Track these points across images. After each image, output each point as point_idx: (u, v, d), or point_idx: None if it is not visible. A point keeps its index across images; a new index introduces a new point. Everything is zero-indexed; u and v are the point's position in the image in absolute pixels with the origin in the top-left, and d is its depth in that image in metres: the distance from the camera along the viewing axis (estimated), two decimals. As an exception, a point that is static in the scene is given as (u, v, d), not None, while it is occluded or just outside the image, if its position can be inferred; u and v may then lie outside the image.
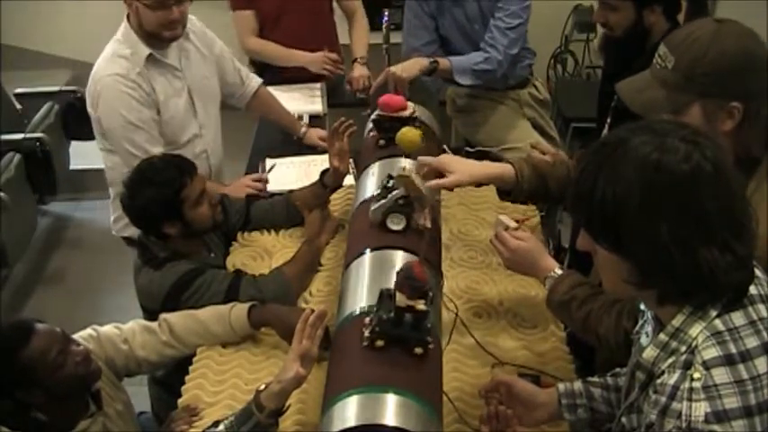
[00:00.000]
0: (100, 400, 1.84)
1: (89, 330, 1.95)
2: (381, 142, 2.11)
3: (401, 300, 1.44)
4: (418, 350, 1.45)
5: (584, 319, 1.65)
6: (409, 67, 2.51)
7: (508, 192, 1.87)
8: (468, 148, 2.93)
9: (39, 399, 1.72)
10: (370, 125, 2.33)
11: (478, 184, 2.56)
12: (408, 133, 1.94)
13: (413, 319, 1.44)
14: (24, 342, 1.69)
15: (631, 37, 2.10)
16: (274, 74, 3.28)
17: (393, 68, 2.45)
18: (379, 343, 1.45)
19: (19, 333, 1.72)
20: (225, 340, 1.98)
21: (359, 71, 3.24)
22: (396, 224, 1.78)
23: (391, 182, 1.80)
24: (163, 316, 1.98)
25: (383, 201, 1.78)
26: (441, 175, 1.83)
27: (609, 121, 2.21)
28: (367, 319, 1.48)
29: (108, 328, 1.96)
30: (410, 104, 2.12)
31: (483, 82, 2.75)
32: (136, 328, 1.97)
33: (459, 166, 1.83)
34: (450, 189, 1.92)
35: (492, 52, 2.66)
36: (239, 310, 1.96)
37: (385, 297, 1.47)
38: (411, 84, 2.45)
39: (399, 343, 1.45)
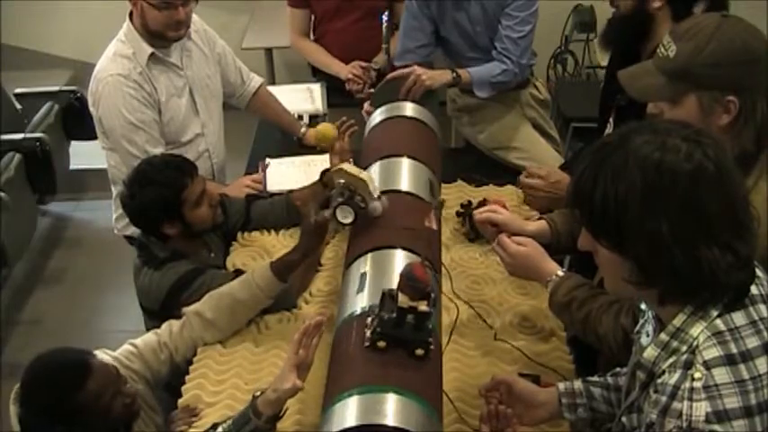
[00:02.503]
0: None
1: (128, 347, 1.90)
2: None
3: (403, 301, 1.44)
4: (419, 351, 1.45)
5: (583, 320, 1.66)
6: (435, 77, 2.52)
7: (549, 246, 1.86)
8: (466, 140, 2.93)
9: None
10: (371, 123, 2.33)
11: (479, 185, 2.60)
12: (324, 130, 1.97)
13: (415, 320, 1.44)
14: (81, 383, 1.63)
15: (633, 26, 2.06)
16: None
17: (420, 71, 2.45)
18: (381, 344, 1.44)
19: (77, 372, 1.65)
20: (255, 306, 1.98)
21: (357, 70, 3.22)
22: (345, 217, 1.82)
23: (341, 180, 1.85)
24: (186, 310, 1.95)
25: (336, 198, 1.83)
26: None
27: (612, 119, 2.20)
28: (369, 320, 1.48)
29: (146, 339, 1.92)
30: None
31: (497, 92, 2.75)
32: (167, 330, 1.94)
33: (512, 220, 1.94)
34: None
35: (508, 64, 2.66)
36: (260, 268, 1.96)
37: (387, 298, 1.46)
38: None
39: (401, 344, 1.45)
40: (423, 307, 1.44)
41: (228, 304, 1.95)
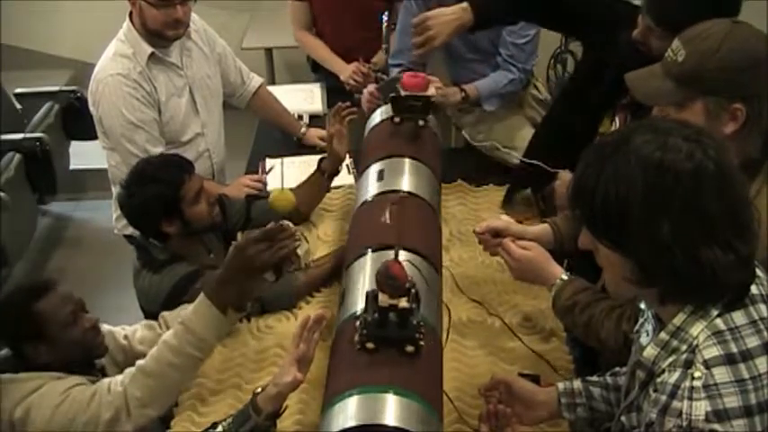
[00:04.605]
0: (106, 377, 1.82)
1: None
2: (396, 120, 2.12)
3: (384, 299, 1.44)
4: (409, 348, 1.44)
5: (586, 323, 1.67)
6: (448, 94, 2.53)
7: (553, 251, 1.86)
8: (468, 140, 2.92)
9: (44, 357, 1.73)
10: (371, 123, 2.33)
11: (479, 185, 2.60)
12: (281, 196, 2.06)
13: (398, 318, 1.43)
14: (39, 296, 1.74)
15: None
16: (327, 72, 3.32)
17: (439, 84, 2.45)
18: (370, 345, 1.44)
19: (36, 288, 1.77)
20: (196, 325, 1.80)
21: (354, 65, 3.13)
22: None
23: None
24: (162, 313, 1.98)
25: None
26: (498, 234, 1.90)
27: (618, 120, 2.18)
28: (357, 323, 1.48)
29: (113, 327, 1.96)
30: (432, 87, 2.10)
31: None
32: (138, 325, 1.98)
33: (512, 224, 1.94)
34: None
35: (515, 72, 2.66)
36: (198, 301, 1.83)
37: (370, 298, 1.47)
38: None
39: (389, 343, 1.45)
40: (403, 303, 1.44)
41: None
